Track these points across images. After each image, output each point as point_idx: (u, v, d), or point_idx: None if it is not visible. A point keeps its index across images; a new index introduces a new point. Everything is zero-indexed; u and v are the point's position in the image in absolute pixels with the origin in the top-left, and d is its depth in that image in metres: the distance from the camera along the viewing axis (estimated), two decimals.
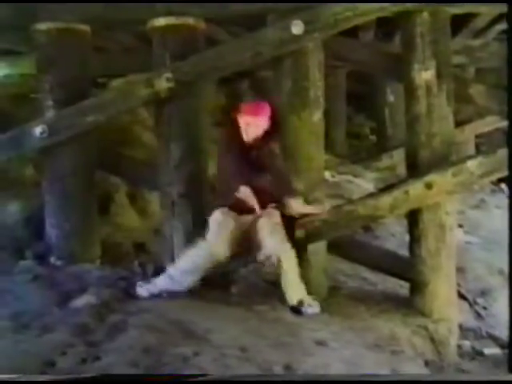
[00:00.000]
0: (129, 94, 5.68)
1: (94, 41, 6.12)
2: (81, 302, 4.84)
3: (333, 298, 5.67)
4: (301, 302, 4.99)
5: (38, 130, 5.62)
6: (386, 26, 8.52)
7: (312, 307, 5.00)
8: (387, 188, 5.74)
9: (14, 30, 6.74)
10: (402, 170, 6.76)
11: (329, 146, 6.87)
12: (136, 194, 7.49)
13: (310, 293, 5.12)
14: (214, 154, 5.66)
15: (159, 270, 5.47)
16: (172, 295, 4.96)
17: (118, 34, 8.19)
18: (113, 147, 7.00)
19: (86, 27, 5.87)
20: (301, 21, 5.23)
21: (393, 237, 8.06)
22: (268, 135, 5.20)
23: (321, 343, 4.42)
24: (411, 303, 5.68)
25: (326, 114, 5.76)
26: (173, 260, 5.48)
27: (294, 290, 5.06)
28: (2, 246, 5.89)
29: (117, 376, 3.67)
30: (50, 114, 5.78)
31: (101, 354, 3.94)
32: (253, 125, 5.14)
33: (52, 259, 5.77)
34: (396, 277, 6.13)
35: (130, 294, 4.97)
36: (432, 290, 5.58)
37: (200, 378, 3.62)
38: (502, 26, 9.38)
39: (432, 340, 5.36)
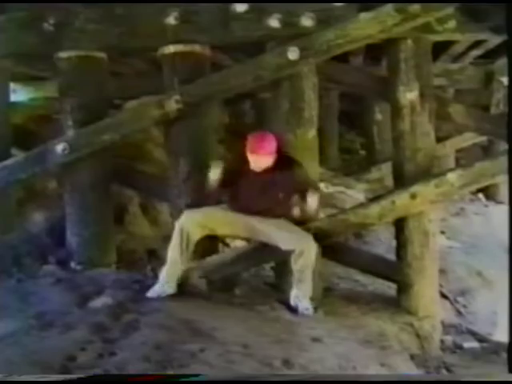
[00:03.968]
0: (141, 114, 5.67)
1: (110, 66, 6.11)
2: (98, 302, 4.82)
3: (327, 298, 5.66)
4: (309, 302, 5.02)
5: (60, 148, 5.61)
6: (374, 52, 8.52)
7: (308, 310, 4.99)
8: (376, 198, 5.73)
9: (40, 58, 6.75)
10: (389, 181, 6.73)
11: (323, 161, 6.84)
12: (148, 205, 7.47)
13: None
14: None
15: None
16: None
17: (132, 60, 8.20)
18: (127, 162, 6.98)
19: (103, 54, 5.86)
20: (297, 47, 5.22)
21: (381, 242, 8.05)
22: (278, 162, 5.06)
23: (316, 340, 4.40)
24: (398, 302, 5.66)
25: (320, 132, 5.75)
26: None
27: (307, 287, 5.07)
28: (27, 252, 5.87)
29: (114, 376, 3.65)
30: (70, 132, 5.76)
31: (116, 350, 3.92)
32: (260, 161, 5.01)
33: (72, 264, 5.75)
34: (384, 279, 6.11)
35: (142, 296, 4.93)
36: (417, 290, 5.56)
37: (192, 378, 3.59)
38: (478, 51, 9.40)
39: (417, 336, 5.34)
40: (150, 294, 4.93)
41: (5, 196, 6.15)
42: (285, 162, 5.08)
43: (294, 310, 4.96)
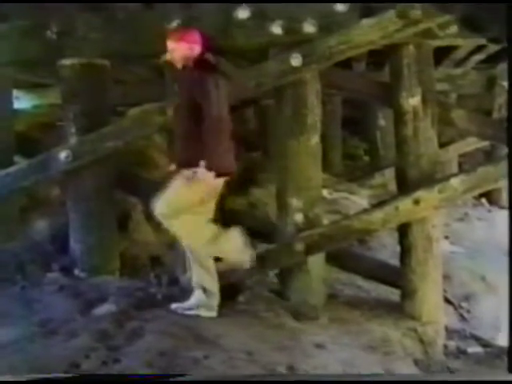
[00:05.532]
0: (144, 121, 5.67)
1: (113, 74, 6.12)
2: (102, 310, 4.82)
3: (331, 304, 5.65)
4: None
5: (63, 155, 5.62)
6: (376, 58, 8.53)
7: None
8: (379, 204, 5.75)
9: (43, 65, 6.76)
10: (392, 187, 6.74)
11: (326, 167, 6.85)
12: (151, 212, 7.46)
13: (310, 300, 5.11)
14: None
15: (173, 281, 5.47)
16: None
17: (135, 67, 8.21)
18: (130, 169, 6.99)
19: (105, 62, 5.87)
20: (299, 54, 5.23)
21: (385, 248, 8.04)
22: (202, 64, 4.63)
23: (320, 346, 4.41)
24: (402, 308, 5.65)
25: (324, 138, 5.75)
26: (185, 271, 5.46)
27: None
28: (31, 260, 5.87)
29: (114, 376, 3.65)
30: (73, 140, 5.76)
31: (120, 357, 3.93)
32: (175, 50, 4.69)
33: (76, 271, 5.74)
34: (388, 284, 6.11)
35: (146, 303, 4.92)
36: (421, 295, 5.56)
37: (180, 378, 3.59)
38: (480, 56, 9.41)
39: (421, 341, 5.34)
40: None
41: (8, 203, 6.16)
42: (204, 63, 4.67)
43: None
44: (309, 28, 5.28)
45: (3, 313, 4.77)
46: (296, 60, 5.23)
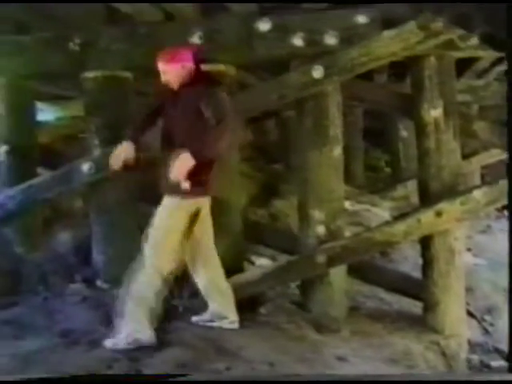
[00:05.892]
0: None
1: (135, 86, 6.15)
2: None
3: (352, 317, 5.62)
4: None
5: (85, 167, 5.64)
6: (397, 69, 8.51)
7: None
8: (401, 216, 5.72)
9: (66, 78, 6.81)
10: (414, 199, 6.71)
11: (348, 178, 6.83)
12: None
13: (331, 313, 5.09)
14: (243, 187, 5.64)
15: (194, 293, 5.46)
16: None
17: (157, 79, 8.24)
18: (153, 181, 7.01)
19: (128, 74, 5.90)
20: (321, 66, 5.23)
21: (407, 260, 7.98)
22: (197, 83, 4.57)
23: (342, 359, 4.38)
24: (424, 321, 5.62)
25: (345, 149, 5.73)
26: None
27: None
28: (54, 271, 5.89)
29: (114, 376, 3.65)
30: (96, 152, 5.79)
31: (142, 368, 3.93)
32: (167, 72, 4.63)
33: (99, 282, 5.76)
34: (410, 297, 6.07)
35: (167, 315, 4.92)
36: (443, 308, 5.52)
37: (179, 378, 3.58)
38: (502, 67, 9.35)
39: (443, 354, 5.29)
40: None
41: (31, 215, 6.18)
42: (201, 77, 4.65)
43: None
44: (330, 40, 5.28)
45: (26, 323, 4.79)
46: (317, 72, 5.23)
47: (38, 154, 6.50)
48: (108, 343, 4.34)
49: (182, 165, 4.34)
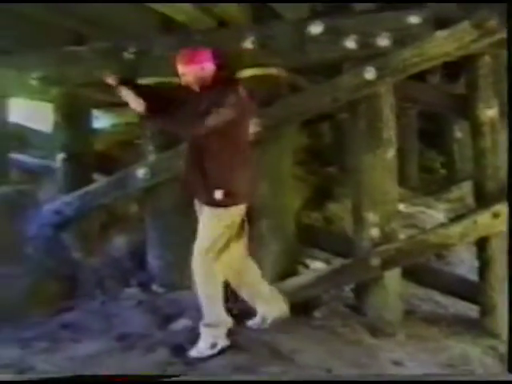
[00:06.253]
0: None
1: None
2: (178, 325, 4.86)
3: (408, 320, 5.54)
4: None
5: (141, 172, 5.70)
6: (451, 69, 8.39)
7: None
8: (457, 218, 5.63)
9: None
10: (470, 200, 6.59)
11: (402, 180, 6.76)
12: None
13: (386, 316, 5.03)
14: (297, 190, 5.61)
15: None
16: None
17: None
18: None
19: (179, 80, 5.94)
20: (373, 67, 5.19)
21: (463, 263, 7.86)
22: (218, 85, 4.47)
23: (397, 363, 4.33)
24: (481, 325, 5.50)
25: (399, 151, 5.67)
26: None
27: None
28: (110, 276, 5.96)
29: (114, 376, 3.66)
30: (151, 157, 5.85)
31: (197, 372, 3.94)
32: (187, 73, 4.54)
33: (154, 287, 5.80)
34: (466, 300, 5.96)
35: None
36: (500, 312, 5.39)
37: (179, 378, 3.57)
38: None
39: (502, 360, 5.17)
40: None
41: (88, 220, 6.27)
42: (225, 80, 4.55)
43: None
44: (383, 41, 5.22)
45: (83, 327, 4.86)
46: (370, 73, 5.19)
47: (93, 161, 6.60)
48: (193, 353, 4.33)
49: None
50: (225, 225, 4.47)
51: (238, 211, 4.52)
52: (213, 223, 4.47)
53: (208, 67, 4.55)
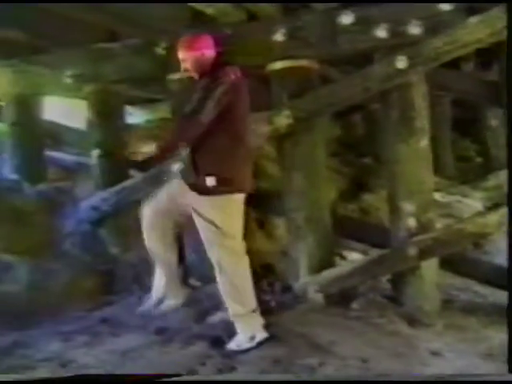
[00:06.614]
0: (253, 131, 5.69)
1: None
2: (216, 318, 4.86)
3: (446, 310, 5.49)
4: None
5: (176, 168, 5.72)
6: (484, 57, 8.29)
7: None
8: (494, 206, 5.56)
9: (153, 81, 6.93)
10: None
11: (438, 170, 6.69)
12: (264, 220, 7.49)
13: (424, 306, 5.00)
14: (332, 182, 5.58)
15: (286, 288, 5.47)
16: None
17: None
18: None
19: None
20: (405, 56, 5.14)
21: (500, 252, 7.76)
22: (215, 72, 4.41)
23: (436, 353, 4.29)
24: None
25: (434, 140, 5.62)
26: (297, 279, 5.47)
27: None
28: (147, 270, 5.94)
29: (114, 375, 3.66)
30: (185, 152, 5.85)
31: (235, 365, 3.95)
32: (186, 59, 4.49)
33: (192, 280, 5.82)
34: (505, 289, 5.88)
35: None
36: None
37: (179, 378, 3.56)
38: None
39: None
40: None
41: (125, 216, 6.30)
42: (223, 67, 4.45)
43: None
44: (414, 29, 5.17)
45: (122, 322, 4.89)
46: (401, 62, 5.14)
47: (129, 157, 6.64)
48: (232, 346, 4.34)
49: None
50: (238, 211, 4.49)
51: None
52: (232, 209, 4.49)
53: (208, 54, 4.50)
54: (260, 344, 4.29)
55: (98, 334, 4.65)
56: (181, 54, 4.53)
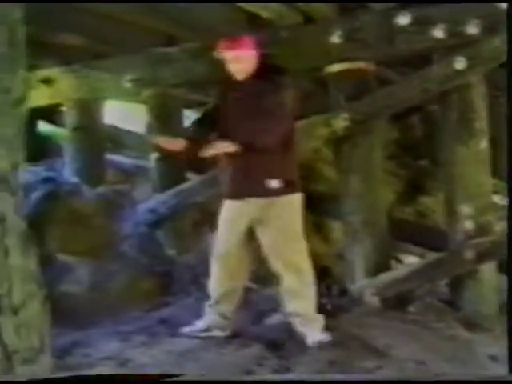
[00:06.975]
0: (310, 133, 5.67)
1: None
2: (273, 320, 4.87)
3: (505, 314, 5.39)
4: None
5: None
6: None
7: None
8: None
9: (211, 85, 6.96)
10: None
11: (496, 172, 6.56)
12: (320, 223, 7.47)
13: (482, 310, 4.92)
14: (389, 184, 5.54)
15: (342, 291, 5.44)
16: None
17: (299, 81, 8.27)
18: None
19: None
20: (463, 57, 5.07)
21: None
22: (263, 74, 4.42)
23: (495, 358, 4.22)
24: None
25: (493, 142, 5.54)
26: (354, 282, 5.44)
27: None
28: (204, 272, 5.95)
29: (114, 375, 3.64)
30: None
31: (291, 366, 3.94)
32: (239, 59, 4.43)
33: (248, 283, 5.83)
34: None
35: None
36: None
37: (179, 378, 3.52)
38: None
39: None
40: None
41: (182, 218, 6.35)
42: (270, 68, 4.47)
43: None
44: (472, 29, 5.08)
45: (180, 322, 4.92)
46: (460, 63, 5.07)
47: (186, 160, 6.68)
48: (309, 341, 4.34)
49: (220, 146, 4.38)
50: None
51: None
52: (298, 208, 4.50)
53: (252, 54, 4.47)
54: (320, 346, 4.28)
55: (156, 334, 4.68)
56: (225, 55, 4.53)
